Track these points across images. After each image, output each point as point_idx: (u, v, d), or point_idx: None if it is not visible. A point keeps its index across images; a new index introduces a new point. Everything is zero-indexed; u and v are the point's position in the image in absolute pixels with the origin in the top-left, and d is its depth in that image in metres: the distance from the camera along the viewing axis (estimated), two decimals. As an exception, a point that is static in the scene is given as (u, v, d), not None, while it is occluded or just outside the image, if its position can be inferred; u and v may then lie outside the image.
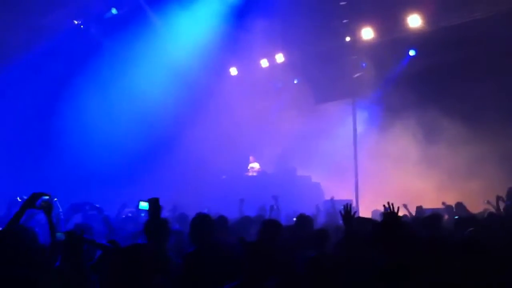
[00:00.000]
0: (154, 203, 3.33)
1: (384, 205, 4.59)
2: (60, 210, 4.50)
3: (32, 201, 4.00)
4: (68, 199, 7.67)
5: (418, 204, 9.62)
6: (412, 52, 14.42)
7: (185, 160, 15.09)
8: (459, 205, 9.76)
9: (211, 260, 4.01)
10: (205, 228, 4.37)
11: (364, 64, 15.17)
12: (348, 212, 4.45)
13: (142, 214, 8.58)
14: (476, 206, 9.63)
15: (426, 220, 5.79)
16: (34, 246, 3.23)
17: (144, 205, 3.51)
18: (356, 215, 4.76)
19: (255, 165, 15.33)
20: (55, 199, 4.28)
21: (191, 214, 7.52)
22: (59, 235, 3.34)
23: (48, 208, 3.98)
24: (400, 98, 14.42)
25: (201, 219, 4.49)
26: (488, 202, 9.73)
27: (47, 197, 4.04)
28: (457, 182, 12.92)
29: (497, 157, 12.40)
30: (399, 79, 14.75)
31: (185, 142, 15.08)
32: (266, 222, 5.07)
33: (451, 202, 10.39)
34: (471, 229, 4.70)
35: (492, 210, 9.09)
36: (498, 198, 9.05)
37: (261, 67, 16.14)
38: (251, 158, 15.48)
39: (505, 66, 12.34)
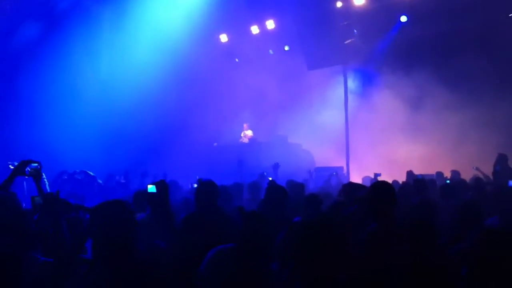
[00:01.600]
0: (161, 185, 3.35)
1: (374, 173, 4.66)
2: (44, 176, 4.56)
3: (21, 168, 4.02)
4: (57, 167, 7.67)
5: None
6: (403, 18, 14.24)
7: (174, 128, 15.02)
8: (454, 172, 9.92)
9: (212, 223, 4.03)
10: (209, 193, 4.36)
11: (355, 30, 15.01)
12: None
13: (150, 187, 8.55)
14: (467, 172, 9.77)
15: (417, 184, 5.83)
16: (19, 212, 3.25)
17: (152, 187, 3.49)
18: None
19: (249, 133, 15.28)
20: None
21: (182, 181, 7.60)
22: (38, 199, 3.38)
23: (36, 175, 4.03)
24: (391, 65, 14.39)
25: (207, 185, 4.48)
26: (477, 169, 9.88)
27: (35, 165, 4.07)
28: (448, 149, 13.03)
29: (486, 124, 12.46)
30: (390, 45, 14.65)
31: (173, 110, 14.95)
32: (273, 189, 5.04)
33: (442, 169, 10.56)
34: (470, 193, 4.76)
35: (481, 176, 9.24)
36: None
37: (252, 33, 15.94)
38: (245, 125, 15.42)
39: (498, 36, 12.28)
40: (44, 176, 5.08)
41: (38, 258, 2.98)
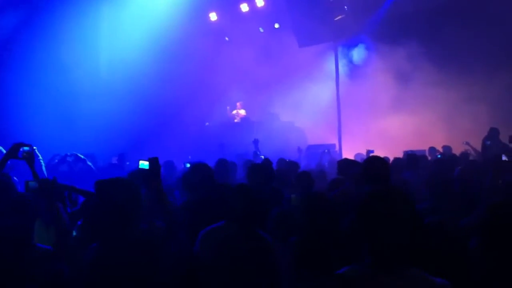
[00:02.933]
0: (154, 162, 3.34)
1: (367, 150, 4.69)
2: (40, 157, 4.54)
3: (13, 151, 4.00)
4: (49, 152, 7.63)
5: (401, 147, 9.78)
6: (395, -8, 14.13)
7: (165, 108, 14.93)
8: (446, 147, 10.02)
9: (212, 203, 4.07)
10: (205, 174, 4.39)
11: (345, 7, 14.88)
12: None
13: (128, 163, 8.62)
14: (460, 148, 9.86)
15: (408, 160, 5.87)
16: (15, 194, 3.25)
17: (144, 163, 3.46)
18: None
19: (242, 112, 15.23)
20: (35, 147, 4.29)
21: (175, 161, 7.61)
22: (32, 183, 3.37)
23: (29, 158, 4.01)
24: (382, 40, 14.33)
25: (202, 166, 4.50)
26: (467, 144, 9.98)
27: (27, 148, 4.05)
28: (441, 124, 13.10)
29: (479, 99, 12.51)
30: (381, 21, 14.56)
31: (164, 90, 14.84)
32: (257, 166, 5.07)
33: (435, 144, 10.66)
34: (459, 167, 4.80)
35: (471, 151, 9.34)
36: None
37: (242, 11, 15.79)
38: (238, 104, 15.36)
39: (490, 11, 12.25)
40: (40, 158, 5.06)
41: (39, 247, 2.98)
